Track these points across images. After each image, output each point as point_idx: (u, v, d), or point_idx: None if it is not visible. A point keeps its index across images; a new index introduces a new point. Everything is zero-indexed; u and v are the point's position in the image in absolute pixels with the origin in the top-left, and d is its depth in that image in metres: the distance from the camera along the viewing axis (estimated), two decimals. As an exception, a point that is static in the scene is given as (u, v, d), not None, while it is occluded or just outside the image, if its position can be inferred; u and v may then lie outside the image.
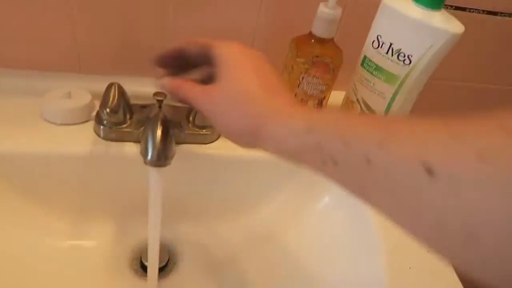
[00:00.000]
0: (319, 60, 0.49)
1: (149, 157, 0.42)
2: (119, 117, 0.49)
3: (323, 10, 0.46)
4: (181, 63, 0.39)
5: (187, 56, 0.38)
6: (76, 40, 0.53)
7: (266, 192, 0.56)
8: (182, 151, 0.51)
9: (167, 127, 0.44)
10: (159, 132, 0.43)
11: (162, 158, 0.42)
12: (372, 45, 0.49)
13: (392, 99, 0.50)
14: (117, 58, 0.55)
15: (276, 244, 0.55)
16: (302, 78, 0.50)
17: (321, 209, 0.54)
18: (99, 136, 0.50)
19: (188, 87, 0.35)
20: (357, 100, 0.53)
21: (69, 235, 0.51)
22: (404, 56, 0.47)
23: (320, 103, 0.53)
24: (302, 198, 0.55)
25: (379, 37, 0.48)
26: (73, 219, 0.52)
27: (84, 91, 0.52)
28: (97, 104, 0.50)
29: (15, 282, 0.46)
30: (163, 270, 0.52)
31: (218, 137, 0.54)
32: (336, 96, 0.57)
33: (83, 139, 0.49)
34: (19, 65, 0.53)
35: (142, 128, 0.49)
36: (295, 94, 0.51)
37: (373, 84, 0.50)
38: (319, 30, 0.47)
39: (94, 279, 0.49)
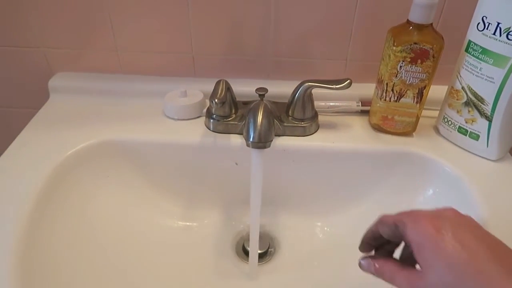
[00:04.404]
0: (417, 47, 0.48)
1: (250, 139, 0.46)
2: (225, 110, 0.54)
3: (420, -5, 0.46)
4: (376, 242, 0.38)
5: (381, 236, 0.36)
6: (192, 50, 0.61)
7: (367, 185, 0.55)
8: (282, 143, 0.54)
9: (268, 113, 0.48)
10: (260, 117, 0.47)
11: (262, 140, 0.46)
12: (477, 28, 0.47)
13: (503, 83, 0.47)
14: (224, 63, 0.61)
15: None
16: (400, 67, 0.50)
17: (423, 201, 0.52)
18: (209, 128, 0.56)
19: (394, 269, 0.34)
20: (463, 88, 0.50)
21: (180, 217, 0.57)
22: (514, 34, 0.44)
23: (421, 92, 0.51)
24: (403, 190, 0.53)
25: (484, 18, 0.46)
26: (185, 202, 0.58)
27: (197, 91, 0.59)
28: (208, 101, 0.56)
29: (135, 255, 0.52)
30: (264, 256, 0.55)
31: (317, 129, 0.56)
32: (439, 90, 0.55)
33: (195, 131, 0.56)
34: (148, 71, 0.63)
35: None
36: (393, 85, 0.51)
37: (480, 69, 0.48)
38: (416, 15, 0.47)
39: (201, 257, 0.54)
